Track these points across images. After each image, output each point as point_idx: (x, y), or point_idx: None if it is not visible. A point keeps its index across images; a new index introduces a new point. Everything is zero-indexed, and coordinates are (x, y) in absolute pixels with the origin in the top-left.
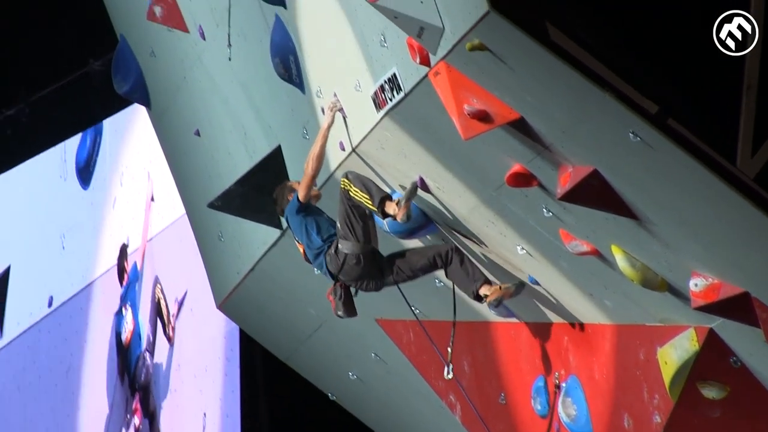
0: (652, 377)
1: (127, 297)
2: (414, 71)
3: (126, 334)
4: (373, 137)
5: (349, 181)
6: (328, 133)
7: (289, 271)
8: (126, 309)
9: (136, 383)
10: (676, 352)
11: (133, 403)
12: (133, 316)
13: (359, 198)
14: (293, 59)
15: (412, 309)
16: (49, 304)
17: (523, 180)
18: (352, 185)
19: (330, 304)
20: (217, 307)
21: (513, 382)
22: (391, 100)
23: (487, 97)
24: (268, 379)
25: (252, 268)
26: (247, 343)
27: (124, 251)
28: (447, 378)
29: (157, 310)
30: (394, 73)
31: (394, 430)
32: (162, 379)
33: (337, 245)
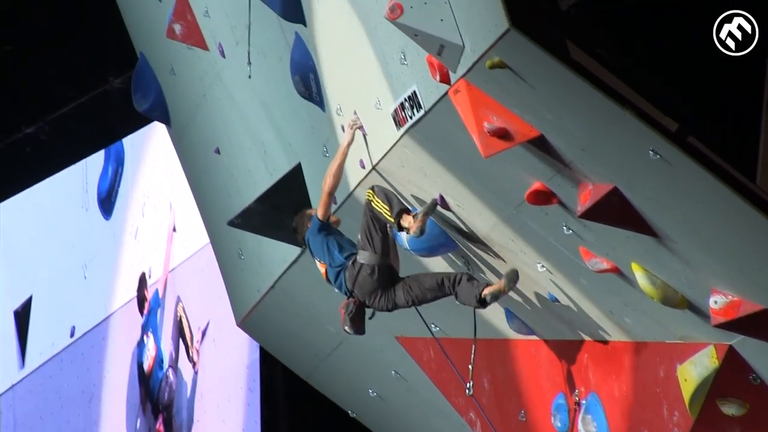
0: (672, 394)
1: (148, 325)
2: (434, 89)
3: (148, 362)
4: (393, 155)
5: (373, 193)
6: (347, 151)
7: (308, 289)
8: (147, 336)
9: (160, 404)
10: (696, 369)
11: (156, 425)
12: (155, 342)
13: (379, 208)
14: (313, 77)
15: (429, 327)
16: (71, 334)
17: (543, 198)
18: (375, 196)
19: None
20: (237, 324)
21: (533, 400)
22: (411, 118)
23: (507, 114)
24: (289, 398)
25: (272, 286)
26: (268, 364)
27: (143, 281)
28: (468, 395)
29: (179, 328)
30: (414, 91)
31: None
32: (186, 409)
33: (356, 257)
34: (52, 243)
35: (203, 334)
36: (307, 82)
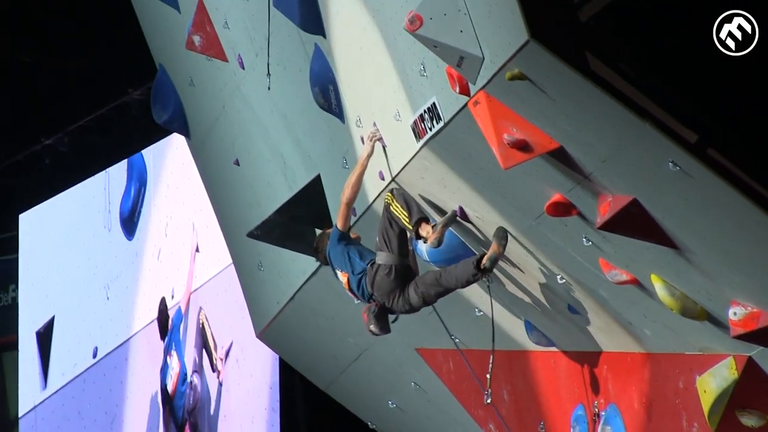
0: (691, 406)
1: (171, 343)
2: (454, 100)
3: (172, 380)
4: (413, 167)
5: (393, 196)
6: (367, 162)
7: (328, 301)
8: (171, 356)
9: (185, 411)
10: (715, 381)
11: None
12: (179, 357)
13: (398, 214)
14: (332, 88)
15: (452, 337)
16: (94, 355)
17: (562, 209)
18: (394, 200)
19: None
20: (257, 336)
21: (552, 411)
22: (430, 130)
23: (527, 126)
24: (308, 409)
25: (291, 298)
26: (287, 374)
27: (163, 304)
28: (486, 403)
29: (202, 336)
30: (434, 103)
31: None
32: (208, 427)
33: (374, 260)
34: (75, 264)
35: (227, 353)
36: (327, 93)
